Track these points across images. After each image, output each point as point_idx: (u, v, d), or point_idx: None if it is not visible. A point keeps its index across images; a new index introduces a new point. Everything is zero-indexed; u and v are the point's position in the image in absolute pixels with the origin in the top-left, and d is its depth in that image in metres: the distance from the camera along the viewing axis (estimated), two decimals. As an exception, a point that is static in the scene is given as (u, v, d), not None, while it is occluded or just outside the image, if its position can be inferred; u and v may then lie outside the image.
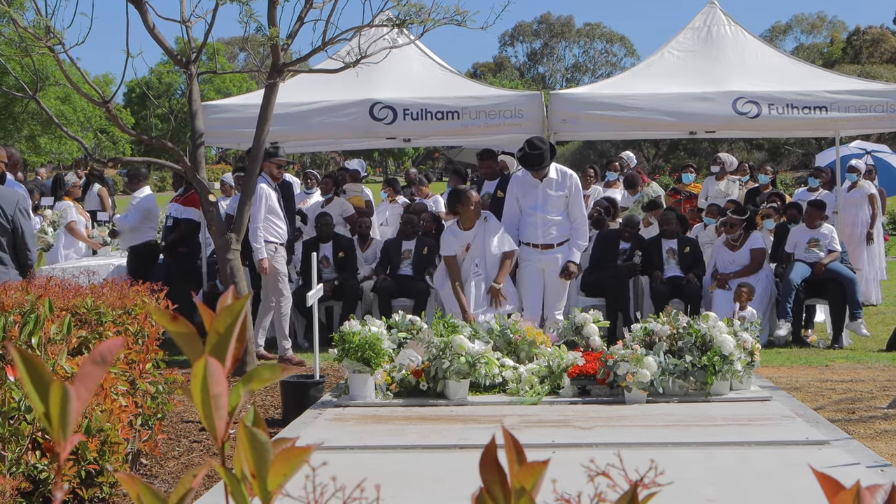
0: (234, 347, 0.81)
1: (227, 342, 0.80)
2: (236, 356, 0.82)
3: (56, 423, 0.69)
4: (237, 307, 0.82)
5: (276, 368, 0.85)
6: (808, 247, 9.18)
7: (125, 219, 9.99)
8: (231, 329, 0.81)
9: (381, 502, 0.82)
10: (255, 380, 0.82)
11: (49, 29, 6.82)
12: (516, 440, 0.78)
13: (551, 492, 0.80)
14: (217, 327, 0.80)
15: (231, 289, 0.92)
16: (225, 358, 0.80)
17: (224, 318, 0.80)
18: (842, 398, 6.42)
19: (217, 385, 0.77)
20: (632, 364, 5.81)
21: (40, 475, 3.60)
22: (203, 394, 0.78)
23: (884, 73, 34.83)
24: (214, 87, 42.81)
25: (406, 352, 6.35)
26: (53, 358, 3.89)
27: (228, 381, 0.82)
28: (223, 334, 0.80)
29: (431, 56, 10.28)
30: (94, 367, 0.74)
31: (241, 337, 0.83)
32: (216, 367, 0.77)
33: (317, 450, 2.53)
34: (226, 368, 0.80)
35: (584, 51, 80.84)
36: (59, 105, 31.69)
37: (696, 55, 9.95)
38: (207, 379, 0.77)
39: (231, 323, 0.81)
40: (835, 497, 0.79)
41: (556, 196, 7.74)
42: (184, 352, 0.84)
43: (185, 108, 8.17)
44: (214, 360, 0.78)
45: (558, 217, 7.73)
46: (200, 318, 0.86)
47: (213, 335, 0.79)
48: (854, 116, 9.32)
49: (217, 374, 0.77)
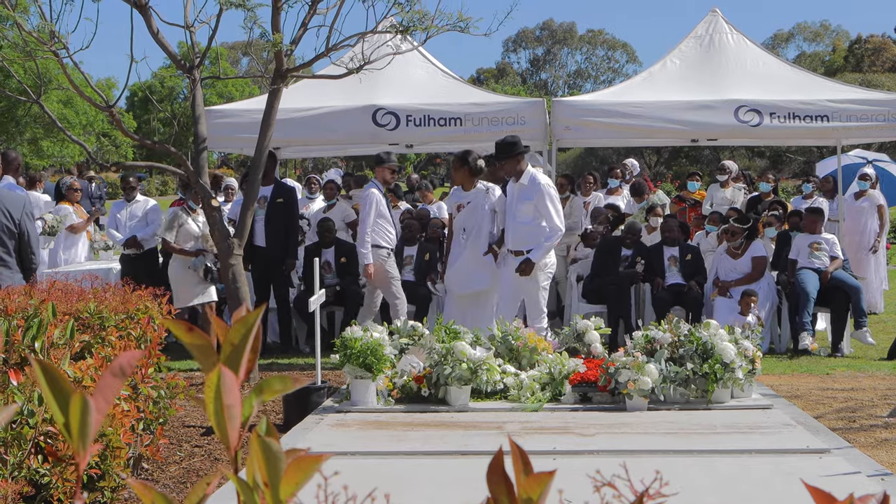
0: (249, 359, 0.82)
1: (240, 353, 0.81)
2: (249, 367, 0.83)
3: (76, 434, 0.70)
4: (251, 319, 0.83)
5: (286, 380, 0.86)
6: (812, 250, 9.18)
7: (148, 228, 9.99)
8: (245, 340, 0.82)
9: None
10: (267, 391, 0.83)
11: (53, 33, 6.84)
12: (523, 450, 0.79)
13: (557, 502, 0.81)
14: (232, 339, 0.81)
15: (246, 303, 0.93)
16: (238, 369, 0.81)
17: (238, 330, 0.81)
18: (842, 406, 6.42)
19: (230, 396, 0.78)
20: (633, 371, 5.82)
21: (42, 479, 3.60)
22: (216, 404, 0.79)
23: (885, 82, 34.85)
24: (217, 91, 42.89)
25: (408, 358, 6.36)
26: (56, 362, 3.90)
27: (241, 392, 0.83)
28: (237, 345, 0.81)
29: (434, 62, 10.31)
30: (113, 378, 0.75)
31: (255, 348, 0.85)
32: (230, 377, 0.78)
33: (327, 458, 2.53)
34: (239, 379, 0.81)
35: (587, 57, 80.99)
36: (62, 108, 31.74)
37: (698, 63, 9.97)
38: (221, 389, 0.78)
39: (245, 334, 0.82)
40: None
41: (523, 203, 7.79)
42: (198, 362, 0.85)
43: (187, 113, 8.20)
44: (228, 371, 0.79)
45: (527, 224, 7.75)
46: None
47: (228, 346, 0.80)
48: (855, 125, 9.34)
49: (230, 385, 0.78)
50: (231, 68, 49.16)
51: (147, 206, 10.22)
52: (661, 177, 34.80)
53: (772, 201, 11.29)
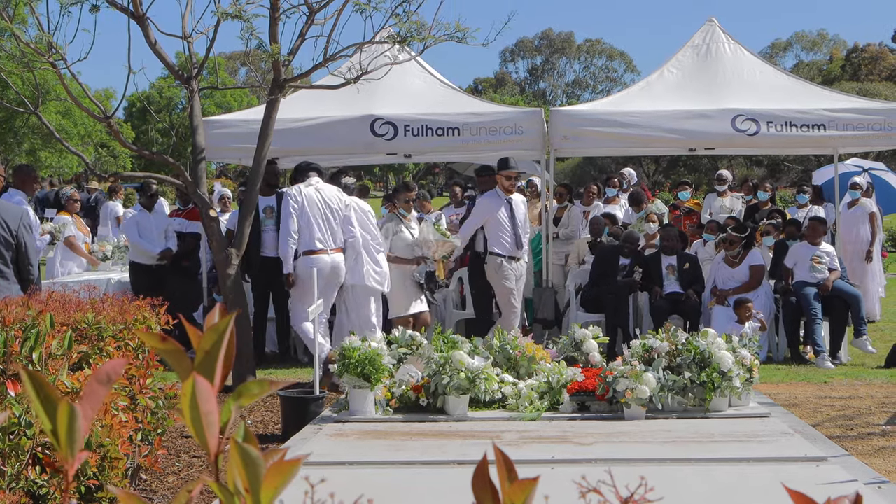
0: (223, 365, 0.83)
1: (214, 360, 0.82)
2: (225, 374, 0.84)
3: (64, 442, 0.71)
4: (223, 325, 0.84)
5: (264, 383, 0.87)
6: (813, 264, 9.18)
7: (171, 241, 9.92)
8: (218, 347, 0.83)
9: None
10: (245, 395, 0.84)
11: (51, 44, 6.86)
12: (507, 457, 0.80)
13: (543, 508, 0.82)
14: (204, 346, 0.82)
15: (218, 306, 0.94)
16: (213, 375, 0.82)
17: (211, 337, 0.82)
18: (840, 415, 6.42)
19: (206, 403, 0.79)
20: (631, 380, 5.82)
21: (40, 490, 3.60)
22: (193, 412, 0.80)
23: (882, 91, 34.95)
24: (215, 101, 42.91)
25: (406, 367, 6.37)
26: (54, 373, 3.90)
27: (219, 398, 0.84)
28: (209, 352, 0.82)
29: (432, 72, 10.34)
30: (99, 385, 0.76)
31: (229, 355, 0.85)
32: (204, 385, 0.79)
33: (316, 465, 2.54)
34: (215, 386, 0.82)
35: (585, 66, 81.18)
36: (60, 119, 31.75)
37: (695, 73, 10.01)
38: (197, 397, 0.79)
39: (217, 340, 0.83)
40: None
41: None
42: (175, 370, 0.86)
43: (185, 123, 8.22)
44: (202, 379, 0.80)
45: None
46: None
47: (200, 353, 0.81)
48: (852, 134, 9.37)
49: (206, 392, 0.79)
50: (229, 78, 49.25)
51: (166, 220, 10.08)
52: (659, 186, 34.85)
53: (770, 210, 11.32)
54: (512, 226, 8.86)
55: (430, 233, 8.44)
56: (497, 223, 8.83)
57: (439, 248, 8.42)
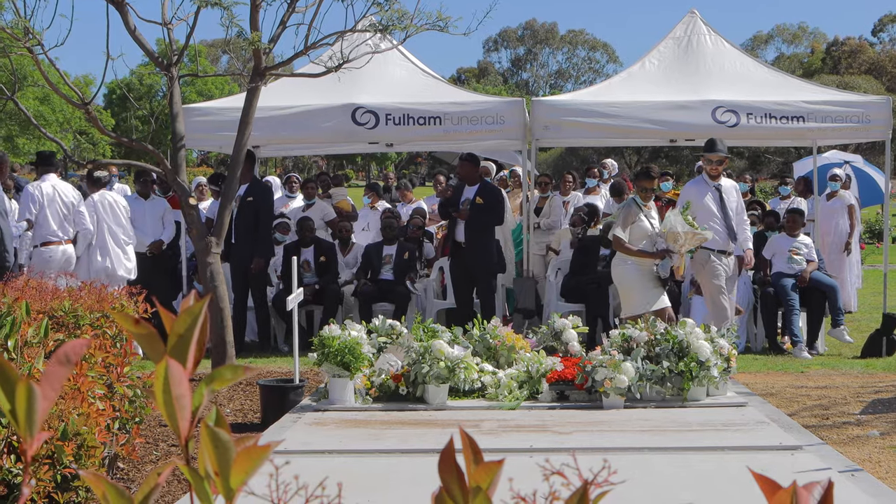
0: (196, 349, 0.83)
1: (187, 344, 0.82)
2: (197, 358, 0.84)
3: (23, 421, 0.71)
4: (196, 309, 0.84)
5: (238, 369, 0.87)
6: (791, 255, 9.25)
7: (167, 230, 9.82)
8: (191, 331, 0.83)
9: (342, 499, 0.85)
10: (218, 380, 0.84)
11: (28, 30, 6.79)
12: (474, 441, 0.81)
13: (508, 490, 0.83)
14: (177, 329, 0.82)
15: (192, 292, 0.94)
16: (186, 359, 0.82)
17: (184, 320, 0.82)
18: (816, 404, 6.48)
19: (178, 386, 0.79)
20: (610, 370, 5.86)
21: (15, 479, 3.58)
22: (165, 395, 0.80)
23: (861, 84, 35.19)
24: (196, 89, 42.61)
25: (386, 356, 6.37)
26: (30, 361, 3.88)
27: (191, 382, 0.84)
28: (183, 335, 0.82)
29: (414, 61, 10.31)
30: (59, 366, 0.76)
31: (202, 338, 0.86)
32: (177, 368, 0.79)
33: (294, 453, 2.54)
34: (188, 370, 0.82)
35: (568, 57, 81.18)
36: (38, 105, 31.45)
37: (676, 64, 10.03)
38: (169, 380, 0.79)
39: (191, 324, 0.83)
40: (773, 496, 0.82)
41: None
42: (147, 354, 0.86)
43: (166, 111, 8.16)
44: (175, 362, 0.80)
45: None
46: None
47: (174, 337, 0.81)
48: (831, 126, 9.42)
49: (178, 376, 0.79)
50: (210, 66, 48.91)
51: (164, 207, 9.93)
52: (641, 177, 34.92)
53: (749, 201, 11.37)
54: (723, 215, 7.86)
55: (679, 224, 7.26)
56: (704, 212, 7.74)
57: (688, 241, 7.29)
